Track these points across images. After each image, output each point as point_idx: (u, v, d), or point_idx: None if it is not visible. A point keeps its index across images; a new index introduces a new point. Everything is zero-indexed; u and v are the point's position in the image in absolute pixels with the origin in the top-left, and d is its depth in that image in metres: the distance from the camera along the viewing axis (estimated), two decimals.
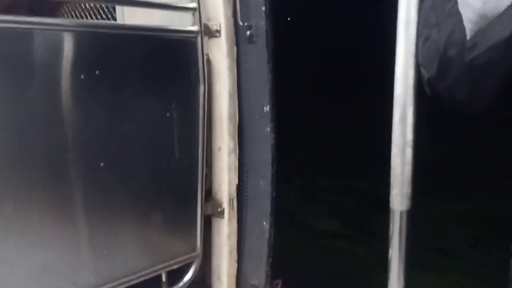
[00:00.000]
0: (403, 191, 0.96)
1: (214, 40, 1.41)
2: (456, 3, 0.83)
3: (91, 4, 1.83)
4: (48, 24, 1.10)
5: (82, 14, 1.90)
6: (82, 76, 1.15)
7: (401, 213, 0.98)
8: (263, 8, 1.28)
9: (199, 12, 1.33)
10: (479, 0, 0.80)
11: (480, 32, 0.81)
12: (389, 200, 0.99)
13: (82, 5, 1.85)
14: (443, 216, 2.26)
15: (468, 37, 0.82)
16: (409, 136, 0.95)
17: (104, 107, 1.21)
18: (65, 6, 1.96)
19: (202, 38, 1.36)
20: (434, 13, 0.86)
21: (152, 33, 1.30)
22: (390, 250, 1.00)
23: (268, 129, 1.39)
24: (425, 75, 0.89)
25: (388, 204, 1.00)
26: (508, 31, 0.78)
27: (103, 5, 1.78)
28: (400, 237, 0.99)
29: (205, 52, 1.40)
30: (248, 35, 1.34)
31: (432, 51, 0.87)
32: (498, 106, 0.91)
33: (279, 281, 1.52)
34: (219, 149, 1.50)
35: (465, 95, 0.87)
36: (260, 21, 1.30)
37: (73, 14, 1.88)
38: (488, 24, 0.80)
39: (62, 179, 1.16)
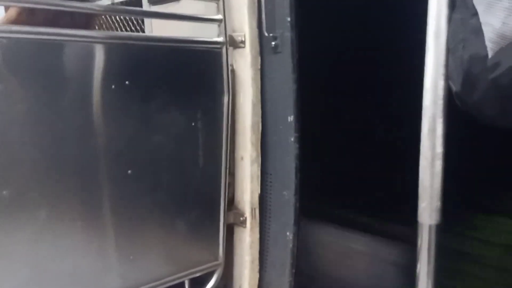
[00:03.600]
0: (432, 204, 0.95)
1: (238, 50, 1.42)
2: (479, 20, 0.82)
3: (121, 17, 1.88)
4: (81, 36, 1.13)
5: (113, 26, 1.95)
6: (112, 86, 1.18)
7: (429, 227, 0.96)
8: (288, 19, 1.29)
9: (225, 23, 1.35)
10: (499, 20, 0.80)
11: (501, 52, 0.80)
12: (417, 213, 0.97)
13: (113, 17, 1.91)
14: None
15: (489, 56, 0.81)
16: (439, 148, 0.93)
17: (132, 117, 1.24)
18: (97, 19, 2.01)
19: (227, 49, 1.38)
20: (462, 28, 0.86)
21: (179, 44, 1.32)
22: (418, 265, 0.98)
23: (292, 139, 1.39)
24: (453, 88, 0.89)
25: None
26: None
27: (133, 18, 1.82)
28: (429, 251, 0.97)
29: (230, 62, 1.42)
30: (273, 46, 1.35)
31: (457, 66, 0.86)
32: None
33: None
34: (242, 158, 1.51)
35: (495, 112, 0.86)
36: (285, 32, 1.31)
37: (104, 26, 1.93)
38: (508, 44, 0.79)
39: (92, 187, 1.19)
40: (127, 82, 1.19)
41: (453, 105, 0.92)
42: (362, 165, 2.11)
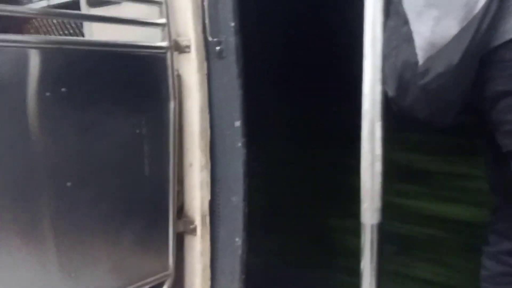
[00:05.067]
0: (373, 205, 0.98)
1: (184, 55, 1.40)
2: (410, 29, 0.87)
3: (59, 20, 1.80)
4: (13, 41, 1.07)
5: (48, 29, 1.86)
6: (47, 94, 1.12)
7: (372, 226, 0.99)
8: (232, 24, 1.29)
9: (169, 28, 1.33)
10: (428, 29, 0.84)
11: (430, 59, 0.85)
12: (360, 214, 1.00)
13: (49, 21, 1.82)
14: None
15: (420, 63, 0.86)
16: (378, 150, 0.96)
17: (70, 125, 1.18)
18: (32, 22, 1.92)
19: (172, 54, 1.35)
20: (395, 35, 0.90)
21: (121, 49, 1.28)
22: (362, 262, 1.01)
23: (240, 144, 1.39)
24: (388, 92, 0.92)
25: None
26: (455, 60, 0.82)
27: (71, 21, 1.75)
28: (371, 250, 1.00)
29: (175, 67, 1.39)
30: (217, 51, 1.34)
31: (392, 72, 0.90)
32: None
33: None
34: (191, 165, 1.48)
35: (425, 114, 0.91)
36: (229, 37, 1.31)
37: (39, 30, 1.84)
38: (437, 52, 0.84)
39: (27, 202, 1.12)
40: (63, 89, 1.14)
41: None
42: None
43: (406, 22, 0.87)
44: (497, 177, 1.04)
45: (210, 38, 1.35)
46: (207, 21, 1.35)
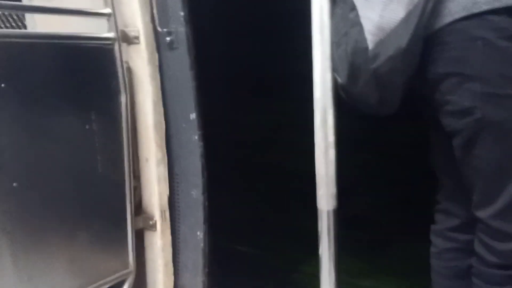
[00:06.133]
0: (328, 191, 0.99)
1: (133, 47, 1.35)
2: (357, 15, 0.88)
3: None
4: None
5: None
6: None
7: (328, 212, 1.00)
8: (182, 14, 1.25)
9: (115, 18, 1.27)
10: (376, 14, 0.86)
11: (380, 44, 0.86)
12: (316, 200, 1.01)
13: None
14: None
15: (370, 48, 0.87)
16: (331, 137, 0.97)
17: (13, 122, 1.12)
18: None
19: (120, 45, 1.30)
20: (343, 22, 0.90)
21: (65, 41, 1.22)
22: (320, 248, 1.02)
23: (196, 138, 1.36)
24: (338, 80, 0.93)
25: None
26: (404, 43, 0.84)
27: (12, 13, 1.65)
28: (328, 235, 1.01)
29: (124, 59, 1.34)
30: (168, 42, 1.30)
31: (343, 59, 0.91)
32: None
33: None
34: (147, 160, 1.45)
35: (374, 100, 0.92)
36: (179, 27, 1.27)
37: None
38: (386, 36, 0.86)
39: None
40: (2, 85, 1.07)
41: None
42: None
43: (353, 8, 0.88)
44: (441, 157, 1.08)
45: (159, 29, 1.31)
46: (155, 10, 1.30)
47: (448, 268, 1.11)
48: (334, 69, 0.92)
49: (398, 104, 0.93)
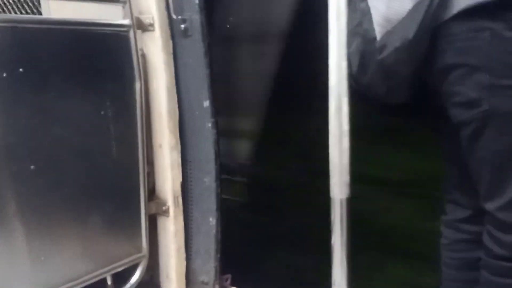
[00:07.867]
0: (341, 179, 0.99)
1: (148, 34, 1.36)
2: (367, 5, 0.87)
3: None
4: None
5: (4, 9, 1.76)
6: (4, 75, 1.06)
7: (341, 201, 1.01)
8: (196, 1, 1.25)
9: (130, 5, 1.28)
10: (384, 4, 0.85)
11: (387, 34, 0.86)
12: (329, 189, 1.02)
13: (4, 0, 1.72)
14: None
15: (378, 38, 0.86)
16: (345, 126, 0.97)
17: (31, 107, 1.14)
18: None
19: (135, 32, 1.31)
20: (356, 12, 0.90)
21: (80, 27, 1.23)
22: (333, 237, 1.03)
23: (210, 125, 1.37)
24: (350, 68, 0.93)
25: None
26: (411, 35, 0.84)
27: None
28: (341, 223, 1.02)
29: (139, 46, 1.35)
30: (183, 29, 1.30)
31: (354, 48, 0.91)
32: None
33: (229, 275, 1.52)
34: (160, 146, 1.46)
35: (382, 91, 0.92)
36: (194, 15, 1.27)
37: None
38: (393, 27, 0.85)
39: None
40: (21, 70, 1.09)
41: None
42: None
43: None
44: (450, 147, 1.07)
45: (174, 16, 1.31)
46: None
47: (457, 259, 1.11)
48: (349, 58, 0.92)
49: (407, 94, 0.93)
